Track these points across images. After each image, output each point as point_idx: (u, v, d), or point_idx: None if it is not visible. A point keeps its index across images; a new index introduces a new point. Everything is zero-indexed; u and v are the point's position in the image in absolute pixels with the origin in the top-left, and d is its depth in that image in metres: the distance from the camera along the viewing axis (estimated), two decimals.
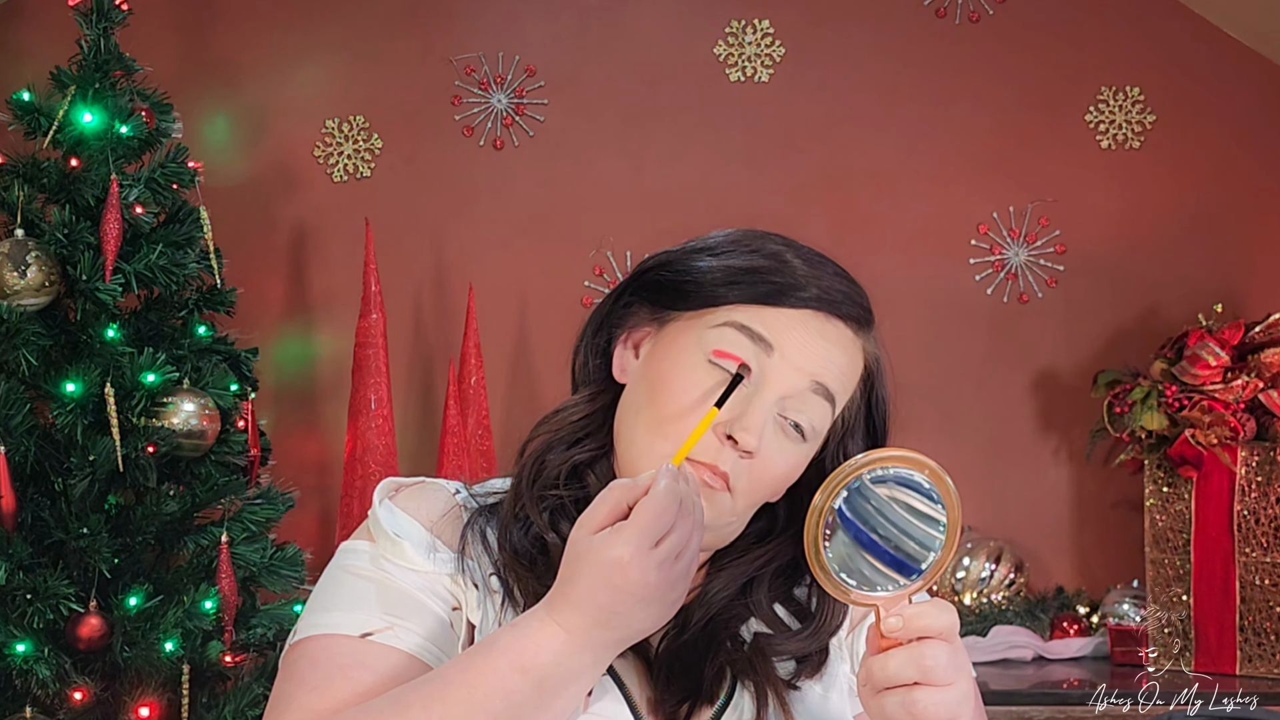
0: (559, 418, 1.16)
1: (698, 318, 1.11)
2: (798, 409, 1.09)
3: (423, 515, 1.14)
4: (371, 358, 3.12)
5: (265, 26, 3.49)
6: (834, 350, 1.11)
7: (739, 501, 1.10)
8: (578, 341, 1.19)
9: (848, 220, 3.46)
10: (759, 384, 1.08)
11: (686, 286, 1.12)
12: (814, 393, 1.09)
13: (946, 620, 0.95)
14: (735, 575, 1.15)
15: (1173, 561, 3.19)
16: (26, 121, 2.74)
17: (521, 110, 3.50)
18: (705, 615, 1.13)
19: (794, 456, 1.11)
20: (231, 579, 2.68)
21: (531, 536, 1.12)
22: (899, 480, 0.95)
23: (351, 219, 3.37)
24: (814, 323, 1.10)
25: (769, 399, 1.08)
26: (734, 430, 1.07)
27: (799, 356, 1.09)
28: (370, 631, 1.08)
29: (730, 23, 3.53)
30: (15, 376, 2.65)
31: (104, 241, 2.65)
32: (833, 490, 0.94)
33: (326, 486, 3.39)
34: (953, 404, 3.49)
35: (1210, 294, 3.39)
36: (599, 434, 1.15)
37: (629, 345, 1.16)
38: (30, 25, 3.41)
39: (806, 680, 1.12)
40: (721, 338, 1.09)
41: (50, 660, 2.54)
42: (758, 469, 1.09)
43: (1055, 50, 3.54)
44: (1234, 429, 3.10)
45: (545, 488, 1.12)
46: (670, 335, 1.12)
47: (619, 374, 1.15)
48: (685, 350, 1.10)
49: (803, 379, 1.09)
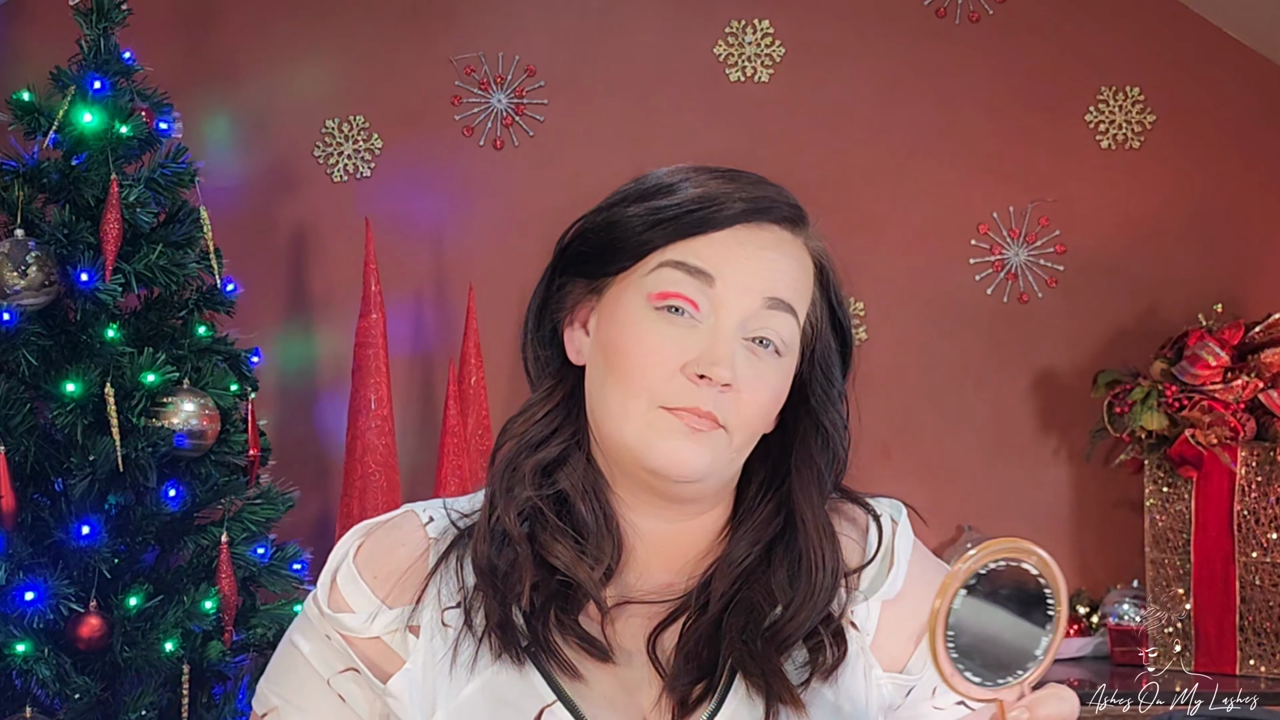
0: (524, 419, 1.13)
1: (632, 272, 1.09)
2: (760, 326, 1.07)
3: (378, 571, 1.11)
4: (371, 358, 3.12)
5: (265, 26, 3.49)
6: (777, 257, 1.08)
7: (735, 437, 1.07)
8: (522, 339, 1.17)
9: (848, 220, 3.46)
10: (714, 313, 1.06)
11: (612, 246, 1.09)
12: (770, 308, 1.07)
13: (1069, 707, 0.94)
14: (754, 538, 1.12)
15: (1173, 561, 3.19)
16: (26, 121, 2.74)
17: (521, 110, 3.50)
18: (726, 591, 1.10)
19: (774, 375, 1.08)
20: (231, 579, 2.68)
21: (505, 550, 1.09)
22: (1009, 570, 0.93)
23: (351, 219, 3.37)
24: (747, 235, 1.08)
25: (729, 325, 1.06)
26: (703, 368, 1.04)
27: (743, 276, 1.07)
28: (266, 711, 1.11)
29: (730, 23, 3.53)
30: (15, 376, 2.65)
31: (104, 241, 2.65)
32: (951, 592, 0.92)
33: (326, 486, 3.38)
34: (953, 404, 3.49)
35: (1210, 294, 3.39)
36: (565, 426, 1.12)
37: (576, 326, 1.13)
38: (30, 25, 3.41)
39: (819, 683, 1.09)
40: (660, 279, 1.07)
41: (50, 660, 2.54)
42: (743, 399, 1.06)
43: (1055, 50, 3.54)
44: (1234, 429, 3.10)
45: (519, 492, 1.10)
46: (611, 299, 1.10)
47: (575, 357, 1.13)
48: (629, 306, 1.08)
49: (754, 298, 1.07)
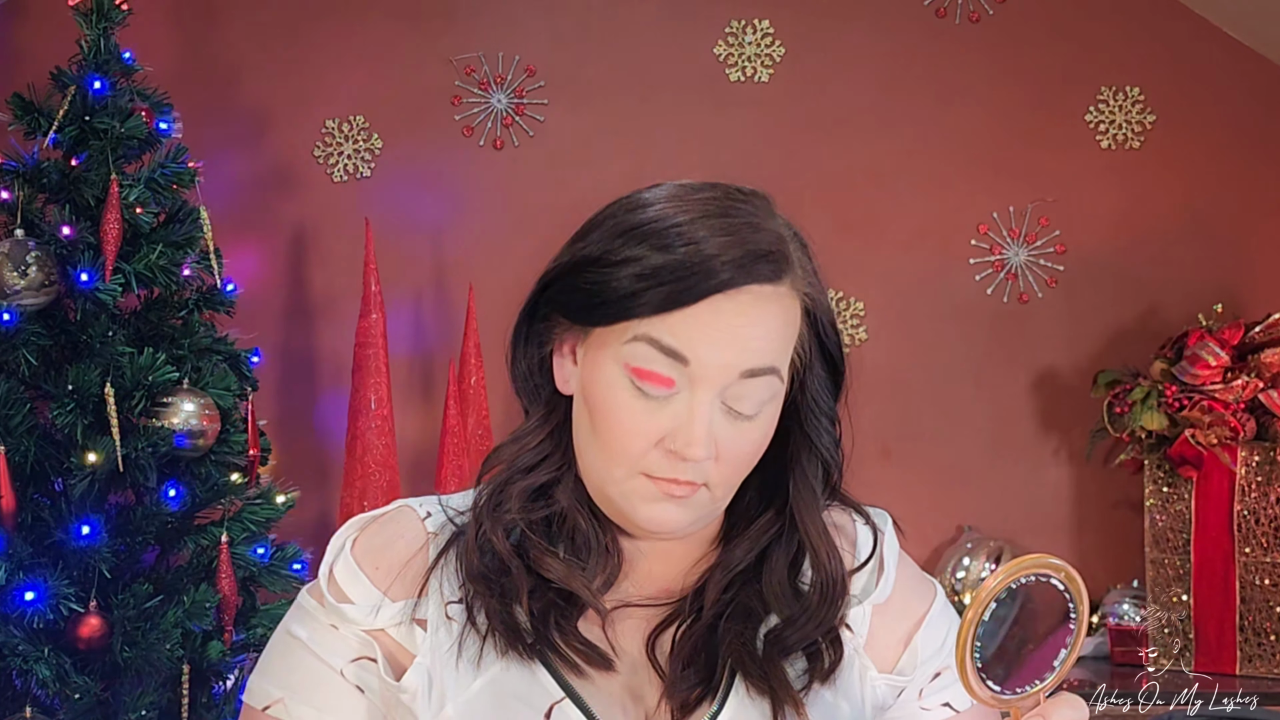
0: (517, 446, 1.13)
1: (611, 330, 1.06)
2: (737, 396, 1.05)
3: (378, 563, 1.11)
4: (371, 358, 3.12)
5: (265, 26, 3.49)
6: (755, 323, 1.04)
7: (718, 491, 1.07)
8: (510, 363, 1.17)
9: (848, 220, 3.46)
10: (690, 388, 1.04)
11: (592, 302, 1.07)
12: (747, 378, 1.05)
13: (1080, 716, 0.96)
14: (746, 548, 1.12)
15: (1173, 561, 3.19)
16: (26, 121, 2.74)
17: (521, 110, 3.50)
18: (719, 599, 1.11)
19: (755, 433, 1.07)
20: (231, 579, 2.68)
21: (495, 560, 1.09)
22: (1037, 585, 0.96)
23: (351, 219, 3.37)
24: (727, 305, 1.03)
25: (705, 400, 1.03)
26: (678, 446, 1.03)
27: (717, 353, 1.03)
28: (269, 704, 1.09)
29: (730, 23, 3.53)
30: (15, 376, 2.65)
31: (104, 241, 2.65)
32: (982, 605, 0.95)
33: (326, 486, 3.39)
34: (953, 404, 3.48)
35: (1210, 294, 3.39)
36: (556, 452, 1.12)
37: (565, 353, 1.12)
38: (30, 25, 3.41)
39: (819, 686, 1.10)
40: (635, 354, 1.04)
41: (50, 660, 2.54)
42: (724, 461, 1.06)
43: (1055, 50, 3.54)
44: (1234, 429, 3.10)
45: (507, 513, 1.10)
46: (595, 344, 1.08)
47: (563, 386, 1.12)
48: (608, 370, 1.06)
49: (730, 373, 1.04)
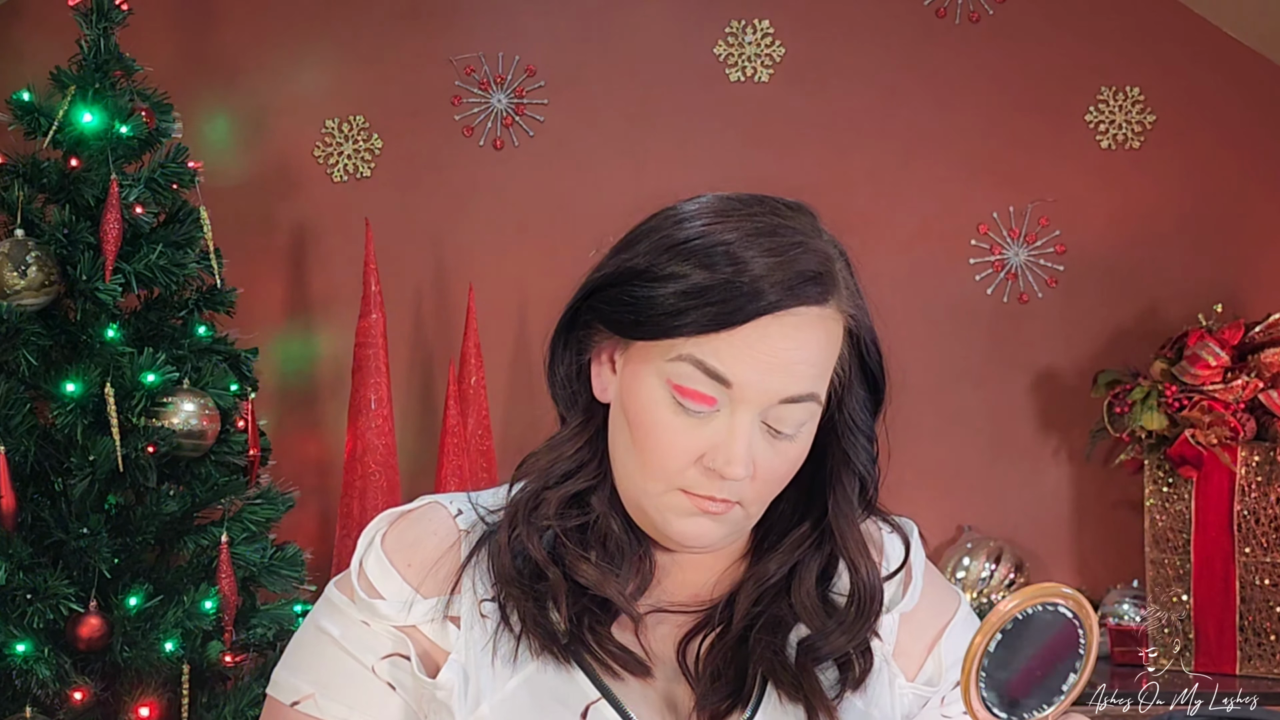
0: (554, 454, 1.12)
1: (654, 345, 1.06)
2: (778, 419, 1.06)
3: (411, 559, 1.10)
4: (371, 358, 3.12)
5: (265, 26, 3.49)
6: (800, 348, 1.05)
7: (752, 508, 1.08)
8: (548, 368, 1.15)
9: (848, 220, 3.44)
10: (731, 408, 1.04)
11: (637, 318, 1.06)
12: (787, 403, 1.05)
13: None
14: (779, 563, 1.13)
15: (1173, 561, 3.19)
16: (26, 121, 2.74)
17: (521, 110, 3.50)
18: (749, 612, 1.11)
19: (793, 452, 1.08)
20: (231, 579, 2.68)
21: (530, 565, 1.09)
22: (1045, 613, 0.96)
23: (351, 219, 3.37)
24: (774, 328, 1.04)
25: (745, 420, 1.04)
26: (718, 465, 1.04)
27: (760, 378, 1.04)
28: (298, 700, 1.08)
29: (730, 23, 3.53)
30: (15, 376, 2.65)
31: (104, 241, 2.65)
32: (990, 632, 0.95)
33: (326, 486, 3.39)
34: (953, 404, 3.49)
35: (1210, 294, 3.39)
36: (594, 461, 1.12)
37: (604, 361, 1.12)
38: (30, 25, 3.41)
39: (850, 693, 1.10)
40: (679, 372, 1.04)
41: (50, 660, 2.54)
42: (760, 479, 1.06)
43: (1055, 50, 3.54)
44: (1234, 429, 3.10)
45: (543, 518, 1.10)
46: (636, 357, 1.08)
47: (600, 394, 1.12)
48: (650, 384, 1.06)
49: (771, 398, 1.05)
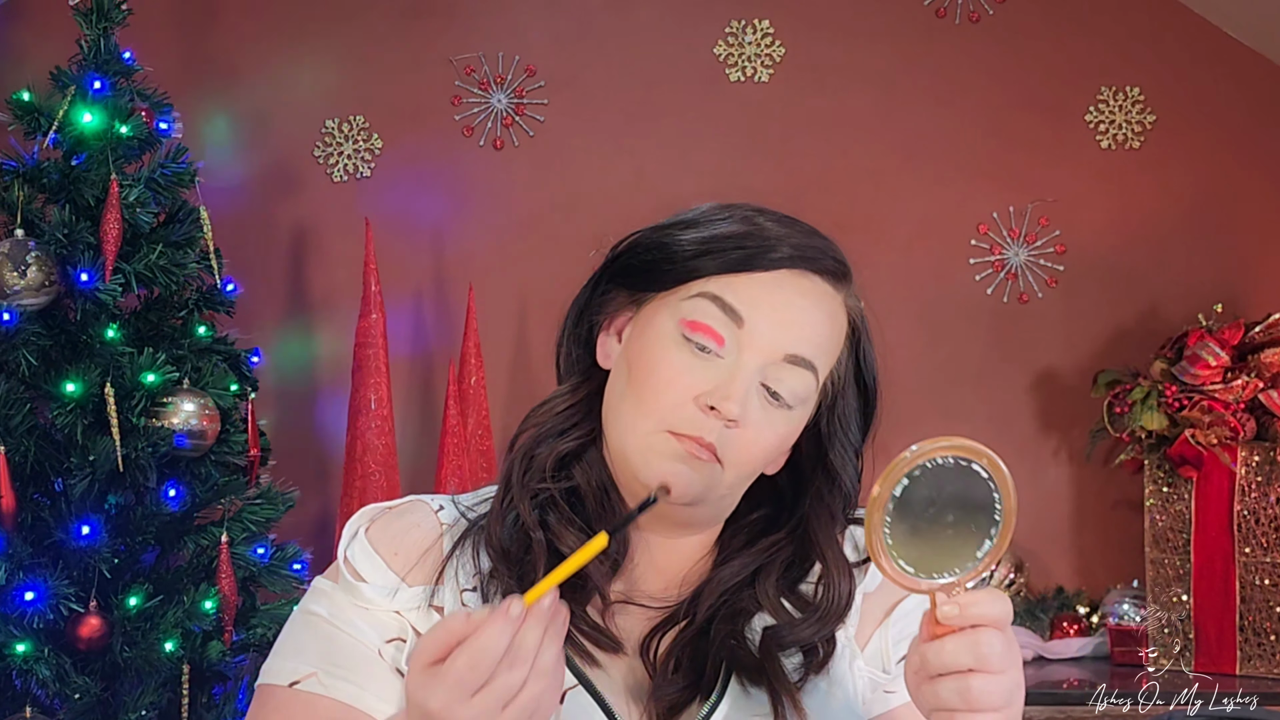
0: (545, 409, 1.16)
1: (672, 294, 1.11)
2: (777, 378, 1.08)
3: (397, 549, 1.12)
4: (371, 358, 3.12)
5: (265, 26, 3.49)
6: (811, 308, 1.10)
7: (729, 473, 1.09)
8: (560, 334, 1.20)
9: (848, 220, 3.45)
10: (738, 351, 1.08)
11: (660, 265, 1.12)
12: (790, 363, 1.08)
13: (1001, 609, 0.95)
14: (744, 564, 1.14)
15: (1173, 561, 3.19)
16: (26, 121, 2.74)
17: (521, 110, 3.50)
18: (713, 605, 1.12)
19: (782, 426, 1.10)
20: (231, 579, 2.68)
21: (518, 532, 1.11)
22: (957, 469, 0.94)
23: (351, 219, 3.37)
24: (789, 281, 1.10)
25: (750, 366, 1.07)
26: (715, 400, 1.06)
27: (771, 325, 1.08)
28: (297, 679, 1.08)
29: (730, 23, 3.53)
30: (15, 376, 2.65)
31: (104, 241, 2.65)
32: (893, 479, 0.93)
33: (326, 486, 3.38)
34: (953, 404, 3.49)
35: (1210, 294, 3.39)
36: (585, 422, 1.14)
37: (612, 331, 1.16)
38: (30, 25, 3.41)
39: (813, 676, 1.11)
40: (695, 308, 1.09)
41: (50, 660, 2.54)
42: (746, 439, 1.08)
43: (1055, 50, 3.54)
44: (1234, 429, 3.10)
45: (535, 480, 1.12)
46: (648, 314, 1.12)
47: (603, 360, 1.15)
48: (661, 326, 1.10)
49: (777, 350, 1.08)
